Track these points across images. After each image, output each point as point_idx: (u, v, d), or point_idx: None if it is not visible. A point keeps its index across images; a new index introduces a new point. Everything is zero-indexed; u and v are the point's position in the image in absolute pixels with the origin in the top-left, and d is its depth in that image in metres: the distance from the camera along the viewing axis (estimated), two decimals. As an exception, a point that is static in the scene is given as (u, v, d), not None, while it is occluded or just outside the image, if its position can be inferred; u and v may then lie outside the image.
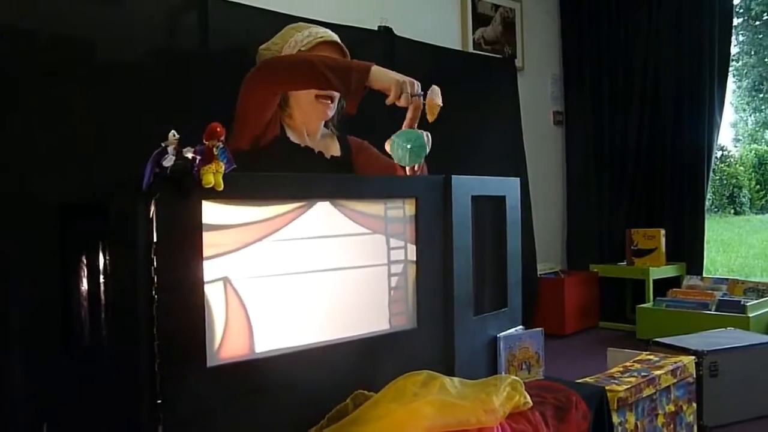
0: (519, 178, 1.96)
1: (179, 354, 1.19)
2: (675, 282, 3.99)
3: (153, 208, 1.17)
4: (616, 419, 1.79)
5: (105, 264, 1.26)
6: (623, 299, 4.24)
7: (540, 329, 1.88)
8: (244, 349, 1.32)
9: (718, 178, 8.88)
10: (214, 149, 1.19)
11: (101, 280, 1.27)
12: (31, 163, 1.80)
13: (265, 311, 1.35)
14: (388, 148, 1.77)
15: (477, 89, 3.47)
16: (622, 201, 4.33)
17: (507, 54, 4.00)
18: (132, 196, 1.16)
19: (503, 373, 1.75)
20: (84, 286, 1.30)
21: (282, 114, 1.96)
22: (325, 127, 2.08)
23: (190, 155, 1.18)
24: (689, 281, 3.92)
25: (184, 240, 1.21)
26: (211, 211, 1.26)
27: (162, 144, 1.18)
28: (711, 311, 3.47)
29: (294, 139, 1.94)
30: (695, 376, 2.20)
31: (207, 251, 1.24)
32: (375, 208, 1.55)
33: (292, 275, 1.40)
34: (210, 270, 1.25)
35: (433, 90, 1.74)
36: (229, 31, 2.35)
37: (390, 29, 3.12)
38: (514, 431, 1.47)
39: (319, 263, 1.45)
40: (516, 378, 1.62)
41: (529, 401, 1.55)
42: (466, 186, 1.71)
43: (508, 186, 1.90)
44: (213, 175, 1.19)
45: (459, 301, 1.67)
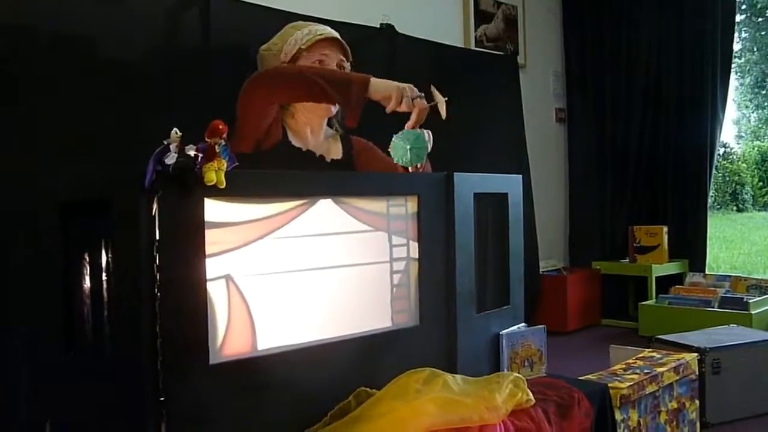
0: (521, 175, 1.96)
1: (182, 351, 1.19)
2: (677, 279, 3.98)
3: (155, 205, 1.17)
4: (618, 416, 1.79)
5: (107, 261, 1.26)
6: (626, 296, 4.23)
7: (542, 326, 1.89)
8: (246, 347, 1.32)
9: (720, 175, 8.84)
10: (216, 147, 1.19)
11: (104, 277, 1.27)
12: (34, 161, 1.80)
13: (268, 309, 1.35)
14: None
15: (479, 87, 3.46)
16: (624, 198, 4.32)
17: (509, 51, 3.99)
18: (134, 193, 1.16)
19: (506, 371, 1.75)
20: (86, 283, 1.31)
21: (284, 114, 1.95)
22: (329, 126, 2.07)
23: (192, 153, 1.18)
24: (692, 278, 3.91)
25: (186, 237, 1.21)
26: (214, 209, 1.26)
27: (164, 141, 1.18)
28: (714, 308, 3.46)
29: (296, 143, 1.93)
30: (698, 373, 2.19)
31: (209, 249, 1.24)
32: (377, 205, 1.55)
33: (294, 273, 1.40)
34: (212, 267, 1.25)
35: (433, 90, 1.75)
36: (231, 29, 2.34)
37: (392, 27, 3.11)
38: (516, 428, 1.47)
39: (322, 261, 1.45)
40: (518, 375, 1.62)
41: (532, 398, 1.55)
42: (468, 183, 1.71)
43: (510, 183, 1.90)
44: (215, 173, 1.19)
45: (461, 299, 1.67)
